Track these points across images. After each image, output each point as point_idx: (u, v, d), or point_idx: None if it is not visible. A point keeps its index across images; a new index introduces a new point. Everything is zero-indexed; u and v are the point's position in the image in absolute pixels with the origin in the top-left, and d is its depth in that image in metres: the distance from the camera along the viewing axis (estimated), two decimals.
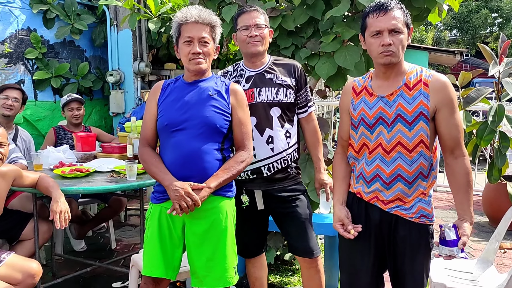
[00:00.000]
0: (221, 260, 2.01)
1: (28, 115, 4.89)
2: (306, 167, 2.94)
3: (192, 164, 1.96)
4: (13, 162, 2.85)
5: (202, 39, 1.98)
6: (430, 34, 25.34)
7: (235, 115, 2.06)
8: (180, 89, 2.06)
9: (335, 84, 3.01)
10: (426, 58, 9.81)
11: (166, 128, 2.01)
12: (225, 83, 2.10)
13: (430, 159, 1.83)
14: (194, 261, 2.02)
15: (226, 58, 4.98)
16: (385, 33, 1.74)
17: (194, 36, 1.97)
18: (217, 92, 2.04)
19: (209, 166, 1.98)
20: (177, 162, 1.97)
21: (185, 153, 1.97)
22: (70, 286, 3.22)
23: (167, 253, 2.01)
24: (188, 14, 1.98)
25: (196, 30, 1.97)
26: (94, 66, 5.80)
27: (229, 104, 2.05)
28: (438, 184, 6.17)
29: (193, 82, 2.06)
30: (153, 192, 2.09)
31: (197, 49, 1.97)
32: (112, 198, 3.79)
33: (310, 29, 3.06)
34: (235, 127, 2.06)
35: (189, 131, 1.98)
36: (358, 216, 1.93)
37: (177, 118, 1.99)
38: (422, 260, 1.85)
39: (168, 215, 1.99)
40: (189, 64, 2.01)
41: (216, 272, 2.00)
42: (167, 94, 2.07)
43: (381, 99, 1.84)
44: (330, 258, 3.07)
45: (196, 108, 2.00)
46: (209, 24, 2.00)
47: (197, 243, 2.00)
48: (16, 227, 2.85)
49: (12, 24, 4.79)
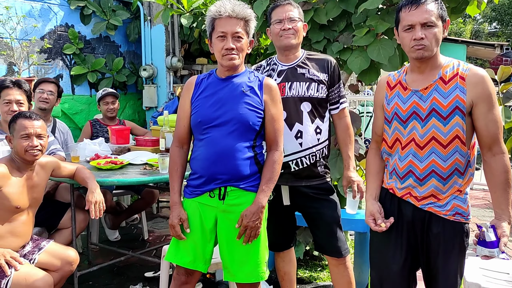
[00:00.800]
0: (254, 255, 2.02)
1: (66, 109, 5.04)
2: (337, 162, 2.91)
3: (224, 162, 1.97)
4: (52, 153, 2.95)
5: (235, 34, 1.94)
6: (469, 27, 24.56)
7: (268, 111, 2.03)
8: (214, 85, 2.04)
9: (368, 79, 2.97)
10: (463, 51, 9.53)
11: (200, 125, 2.01)
12: (258, 78, 2.06)
13: (467, 155, 1.78)
14: (226, 256, 2.04)
15: (257, 52, 4.98)
16: (417, 27, 1.71)
17: (228, 31, 1.93)
18: (250, 88, 2.02)
19: (240, 164, 1.98)
20: (209, 159, 1.98)
21: (218, 151, 1.97)
22: (104, 274, 3.32)
23: (198, 246, 2.04)
24: (222, 8, 1.94)
25: (230, 25, 1.93)
26: (128, 61, 5.92)
27: (262, 100, 2.02)
28: (475, 182, 5.99)
29: (227, 78, 2.03)
30: (186, 187, 2.12)
31: (230, 44, 1.93)
32: (145, 190, 3.88)
33: (342, 22, 3.02)
34: (268, 123, 2.04)
35: (222, 128, 1.97)
36: (391, 212, 1.90)
37: (211, 115, 1.98)
38: (456, 259, 1.81)
39: (201, 208, 2.02)
40: (222, 60, 1.98)
41: (248, 267, 2.01)
42: (201, 90, 2.06)
43: (415, 93, 1.81)
44: (360, 255, 3.04)
45: (230, 105, 1.98)
46: (243, 18, 1.96)
47: (229, 238, 2.02)
48: (55, 216, 2.96)
49: (51, 21, 4.95)
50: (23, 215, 2.34)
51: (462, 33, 23.33)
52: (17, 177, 2.31)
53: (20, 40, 4.49)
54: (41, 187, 2.45)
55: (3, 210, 2.24)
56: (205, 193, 2.00)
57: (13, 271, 2.20)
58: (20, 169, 2.33)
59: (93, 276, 3.23)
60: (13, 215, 2.28)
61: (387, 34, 2.84)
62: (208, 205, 2.01)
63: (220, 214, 2.02)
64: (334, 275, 2.42)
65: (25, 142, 2.29)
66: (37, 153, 2.32)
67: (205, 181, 1.99)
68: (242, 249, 2.00)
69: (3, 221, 2.26)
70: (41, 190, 2.45)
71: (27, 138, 2.30)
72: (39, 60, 4.72)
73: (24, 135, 2.29)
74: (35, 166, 2.41)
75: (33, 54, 4.55)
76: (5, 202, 2.23)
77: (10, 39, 4.39)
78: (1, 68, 4.49)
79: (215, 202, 2.00)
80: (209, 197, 2.00)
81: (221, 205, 1.99)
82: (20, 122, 2.33)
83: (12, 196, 2.25)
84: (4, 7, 4.32)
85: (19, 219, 2.32)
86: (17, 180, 2.30)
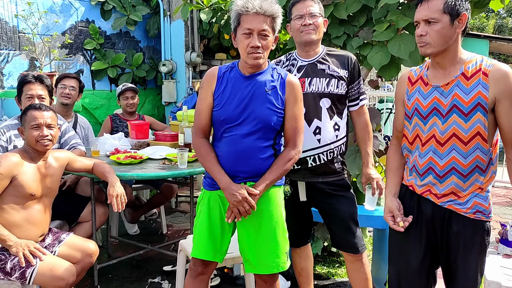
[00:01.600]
0: (273, 247, 2.03)
1: (86, 104, 5.11)
2: (356, 159, 2.90)
3: (245, 161, 1.97)
4: (72, 148, 2.99)
5: (262, 31, 1.89)
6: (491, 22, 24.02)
7: (288, 110, 2.01)
8: (237, 82, 2.01)
9: (388, 74, 2.94)
10: (486, 47, 9.31)
11: (223, 123, 2.00)
12: (281, 75, 2.03)
13: (489, 153, 1.75)
14: (246, 249, 2.05)
15: (276, 47, 4.97)
16: (421, 23, 1.71)
17: (254, 28, 1.88)
18: (273, 88, 2.00)
19: (261, 163, 1.99)
20: (230, 157, 1.99)
21: (239, 150, 1.97)
22: (124, 267, 3.37)
23: (217, 238, 2.05)
24: (249, 4, 1.88)
25: (257, 22, 1.88)
26: (148, 56, 5.97)
27: (284, 99, 2.00)
28: (496, 179, 5.88)
29: (250, 76, 2.01)
30: (205, 177, 2.12)
31: (256, 42, 1.89)
32: (164, 184, 3.91)
33: (362, 17, 2.99)
34: (287, 121, 2.02)
35: (244, 128, 1.97)
36: (410, 210, 1.89)
37: (234, 114, 1.97)
38: (476, 257, 1.78)
39: (220, 200, 2.04)
40: (247, 58, 1.95)
41: (269, 258, 2.03)
42: (224, 85, 2.03)
43: (436, 89, 1.78)
44: (378, 252, 3.02)
45: (253, 105, 1.97)
46: (271, 15, 1.91)
47: (248, 231, 2.03)
48: (75, 210, 3.01)
49: (72, 16, 5.01)
50: (39, 203, 2.39)
51: (485, 28, 22.83)
52: (31, 165, 2.37)
53: (42, 36, 4.56)
54: (55, 177, 2.49)
55: (18, 197, 2.30)
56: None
57: (38, 261, 2.26)
58: (33, 159, 2.39)
59: (113, 269, 3.27)
60: (27, 201, 2.33)
61: (408, 29, 2.80)
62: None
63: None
64: (351, 271, 2.42)
65: (35, 132, 2.34)
66: (48, 143, 2.37)
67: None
68: (262, 241, 2.02)
69: (19, 208, 2.32)
70: (55, 181, 2.49)
71: (37, 128, 2.35)
72: (60, 55, 4.79)
73: (34, 125, 2.35)
74: (48, 157, 2.47)
75: (54, 49, 4.62)
76: (19, 189, 2.29)
77: (32, 34, 4.47)
78: (24, 63, 4.58)
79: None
80: None
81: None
82: (30, 113, 2.39)
83: (26, 183, 2.31)
84: (26, 2, 4.40)
85: (34, 207, 2.37)
86: (31, 168, 2.35)
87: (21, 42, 4.54)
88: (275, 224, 2.03)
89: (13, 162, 2.28)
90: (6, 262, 2.24)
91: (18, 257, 2.22)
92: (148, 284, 3.12)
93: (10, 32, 4.44)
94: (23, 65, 4.57)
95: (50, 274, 2.25)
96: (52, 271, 2.26)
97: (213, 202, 2.06)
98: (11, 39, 4.45)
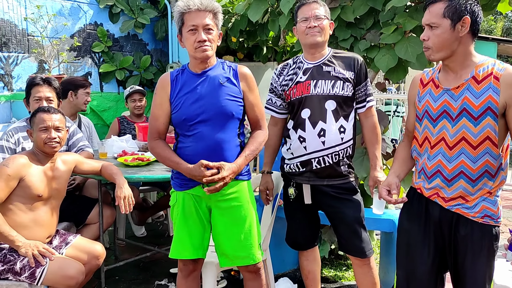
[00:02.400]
0: (247, 240, 2.10)
1: (94, 106, 5.14)
2: (363, 161, 2.89)
3: (215, 155, 2.02)
4: (80, 150, 3.01)
5: (206, 26, 1.98)
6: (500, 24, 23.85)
7: (246, 99, 2.11)
8: (191, 81, 2.07)
9: (395, 77, 2.93)
10: (494, 49, 9.26)
11: (185, 122, 2.05)
12: (231, 67, 2.11)
13: (499, 158, 1.73)
14: (221, 243, 2.12)
15: (284, 50, 4.96)
16: (425, 28, 1.73)
17: (199, 24, 1.96)
18: (227, 79, 2.07)
19: (230, 154, 2.06)
20: (201, 153, 2.02)
21: (207, 145, 2.03)
22: (131, 269, 3.38)
23: (196, 236, 2.12)
24: (190, 2, 1.97)
25: (200, 18, 1.96)
26: (156, 59, 5.99)
27: (240, 89, 2.09)
28: (505, 183, 5.84)
29: (202, 73, 2.07)
30: (172, 178, 2.18)
31: (202, 36, 1.97)
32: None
33: (370, 20, 2.99)
34: (249, 110, 2.13)
35: (207, 123, 2.03)
36: (418, 213, 1.88)
37: (194, 112, 2.03)
38: (484, 262, 1.76)
39: (194, 199, 2.09)
40: (195, 53, 2.01)
41: (244, 251, 2.11)
42: (179, 88, 2.08)
43: (446, 92, 1.77)
44: (386, 255, 3.01)
45: (210, 99, 2.03)
46: (212, 11, 2.00)
47: (223, 226, 2.10)
48: (83, 212, 3.03)
49: (80, 19, 5.04)
50: (46, 205, 2.41)
51: (493, 31, 22.68)
52: (39, 167, 2.39)
53: (51, 39, 4.59)
54: (63, 180, 2.51)
55: (26, 198, 2.32)
56: (198, 186, 2.07)
57: (48, 261, 2.27)
58: (41, 161, 2.42)
59: (120, 271, 3.29)
60: (35, 203, 2.36)
61: (415, 31, 2.79)
62: (202, 197, 2.09)
63: (213, 203, 2.10)
64: (358, 276, 2.41)
65: (43, 135, 2.37)
66: (56, 145, 2.40)
67: None
68: (236, 235, 2.09)
69: (26, 209, 2.34)
70: (62, 183, 2.51)
71: (45, 130, 2.38)
72: (68, 58, 4.82)
73: (42, 127, 2.38)
74: (56, 160, 2.49)
75: (63, 52, 4.65)
76: (27, 190, 2.32)
77: (41, 37, 4.50)
78: (32, 66, 4.61)
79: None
80: (201, 189, 2.05)
81: (214, 195, 2.05)
82: (39, 115, 2.42)
83: (34, 184, 2.33)
84: (36, 6, 4.43)
85: (41, 208, 2.39)
86: (38, 170, 2.38)
87: (30, 45, 4.57)
88: (248, 216, 2.11)
89: (21, 164, 2.30)
90: (16, 263, 2.26)
91: (28, 257, 2.24)
92: (155, 286, 3.13)
93: (19, 35, 4.48)
94: (32, 67, 4.60)
95: (61, 273, 2.28)
96: (62, 270, 2.29)
97: (187, 202, 2.11)
98: (20, 42, 4.49)
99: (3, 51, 4.36)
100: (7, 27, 4.36)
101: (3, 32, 4.33)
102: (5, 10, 4.33)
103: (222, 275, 3.19)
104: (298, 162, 2.33)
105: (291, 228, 2.54)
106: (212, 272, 2.50)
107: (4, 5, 4.32)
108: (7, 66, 4.39)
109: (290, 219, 2.53)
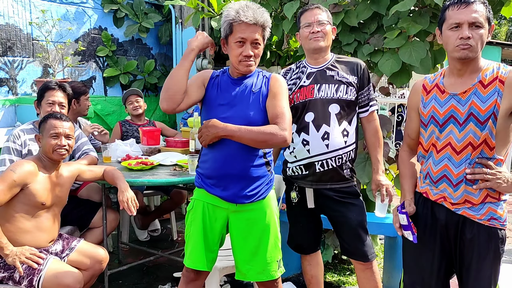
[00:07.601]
0: (263, 254, 2.05)
1: (98, 110, 5.15)
2: (365, 166, 2.88)
3: (234, 162, 1.98)
4: (84, 153, 3.02)
5: (254, 40, 1.94)
6: (504, 29, 23.82)
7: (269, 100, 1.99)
8: (227, 84, 2.05)
9: (399, 81, 2.93)
10: (498, 54, 9.24)
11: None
12: (265, 75, 2.07)
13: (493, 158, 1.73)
14: (238, 255, 2.08)
15: (287, 54, 4.97)
16: (465, 25, 1.68)
17: (248, 37, 1.93)
18: (260, 88, 2.03)
19: (250, 165, 2.00)
20: (219, 159, 2.00)
21: (228, 151, 1.98)
22: (134, 273, 3.38)
23: (209, 247, 2.08)
24: (242, 14, 1.91)
25: (250, 32, 1.92)
26: (160, 63, 6.01)
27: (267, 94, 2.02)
28: None
29: (239, 79, 2.05)
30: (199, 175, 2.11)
31: (249, 52, 1.94)
32: (174, 190, 3.92)
33: (373, 24, 2.99)
34: (268, 109, 1.99)
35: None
36: (424, 216, 1.87)
37: (221, 114, 1.98)
38: (489, 265, 1.76)
39: (211, 210, 2.05)
40: (239, 65, 1.99)
41: (259, 266, 2.05)
42: (216, 84, 2.06)
43: (453, 97, 1.77)
44: (390, 259, 2.99)
45: (240, 105, 2.00)
46: (262, 25, 1.95)
47: (240, 238, 2.06)
48: (87, 215, 3.03)
49: (85, 24, 5.07)
50: (48, 212, 2.42)
51: (497, 35, 22.65)
52: (44, 175, 2.39)
53: (55, 43, 4.62)
54: (65, 188, 2.53)
55: (30, 205, 2.33)
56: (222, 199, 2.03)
57: (44, 269, 2.27)
58: (46, 168, 2.42)
59: (123, 275, 3.29)
60: (38, 211, 2.36)
61: (419, 36, 2.79)
62: (219, 207, 2.04)
63: (232, 214, 2.05)
64: (361, 280, 2.40)
65: (53, 141, 2.37)
66: (64, 153, 2.41)
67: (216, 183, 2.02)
68: (252, 248, 2.04)
69: (30, 217, 2.34)
70: (65, 190, 2.52)
71: (56, 137, 2.39)
72: (73, 62, 4.84)
73: (53, 134, 2.39)
74: (61, 167, 2.50)
75: (67, 56, 4.67)
76: (32, 198, 2.32)
77: (45, 41, 4.53)
78: (37, 70, 4.63)
79: (227, 203, 2.02)
80: (221, 199, 2.03)
81: (234, 206, 2.02)
82: (50, 121, 2.42)
83: (38, 192, 2.33)
84: (40, 10, 4.46)
85: (44, 215, 2.40)
86: (44, 178, 2.38)
87: (34, 49, 4.60)
88: (267, 230, 2.05)
89: (27, 171, 2.31)
90: (15, 271, 2.25)
91: (16, 267, 2.23)
92: None
93: (24, 40, 4.51)
94: (37, 72, 4.63)
95: (57, 282, 2.27)
96: (58, 278, 2.27)
97: (204, 211, 2.06)
98: (25, 46, 4.51)
99: (8, 55, 4.39)
100: (12, 32, 4.39)
101: (8, 37, 4.35)
102: (10, 15, 4.35)
103: (226, 279, 3.18)
104: (302, 165, 2.33)
105: (293, 232, 2.54)
106: (215, 276, 2.50)
107: (9, 10, 4.35)
108: (12, 70, 4.41)
109: (292, 223, 2.53)
